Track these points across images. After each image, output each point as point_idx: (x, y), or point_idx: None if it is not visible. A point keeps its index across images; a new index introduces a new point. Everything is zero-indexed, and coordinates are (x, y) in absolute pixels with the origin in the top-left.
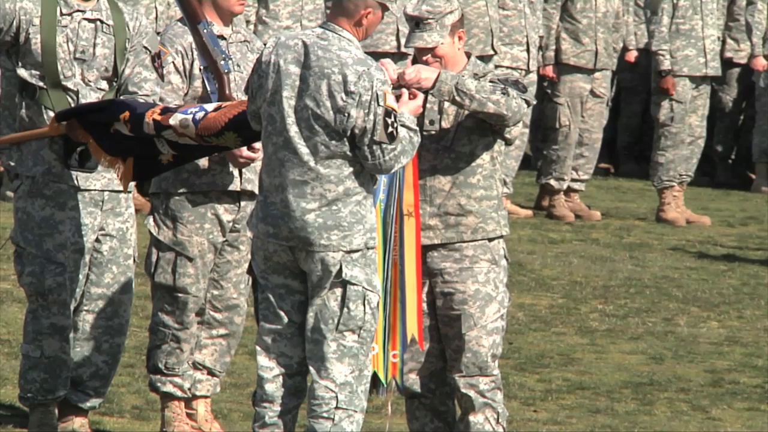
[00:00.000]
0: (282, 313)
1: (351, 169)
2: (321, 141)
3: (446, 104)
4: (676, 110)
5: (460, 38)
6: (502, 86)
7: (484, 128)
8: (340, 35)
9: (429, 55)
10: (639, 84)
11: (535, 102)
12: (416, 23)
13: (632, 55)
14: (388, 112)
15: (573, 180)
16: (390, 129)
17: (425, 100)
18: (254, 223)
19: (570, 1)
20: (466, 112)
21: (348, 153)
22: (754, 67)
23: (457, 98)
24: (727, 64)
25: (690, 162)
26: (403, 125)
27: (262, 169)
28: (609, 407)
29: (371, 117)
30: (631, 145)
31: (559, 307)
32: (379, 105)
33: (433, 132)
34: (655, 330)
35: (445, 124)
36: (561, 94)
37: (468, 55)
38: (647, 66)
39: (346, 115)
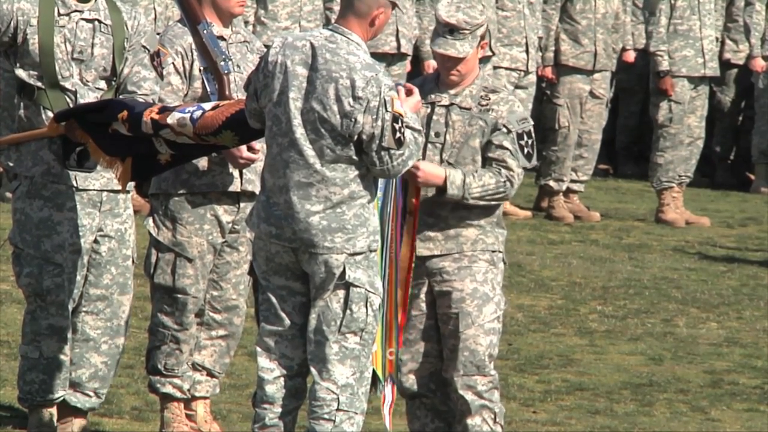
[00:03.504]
0: (283, 315)
1: (356, 172)
2: (327, 144)
3: (454, 117)
4: (675, 111)
5: (482, 47)
6: (508, 177)
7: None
8: (348, 38)
9: (454, 66)
10: (636, 84)
11: (531, 165)
12: (450, 30)
13: (630, 55)
14: (396, 118)
15: (572, 181)
16: (398, 134)
17: (432, 111)
18: (255, 222)
19: (569, 2)
20: (474, 130)
21: (354, 157)
22: (753, 68)
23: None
24: (726, 64)
25: (689, 163)
26: (407, 126)
27: (265, 169)
28: (608, 408)
29: (379, 123)
30: (629, 146)
31: (558, 308)
32: (387, 111)
33: (438, 144)
34: (654, 331)
35: (450, 138)
36: (560, 95)
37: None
38: (644, 66)
39: (353, 120)
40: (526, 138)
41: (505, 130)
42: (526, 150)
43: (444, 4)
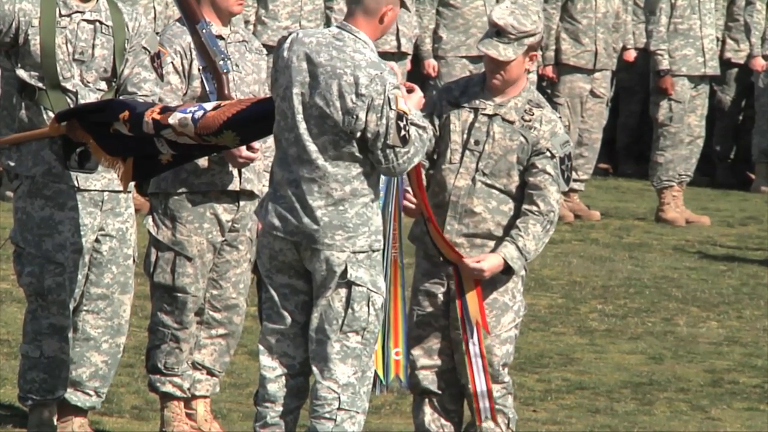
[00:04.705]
0: (286, 313)
1: (360, 169)
2: (329, 140)
3: (496, 128)
4: (675, 110)
5: (531, 59)
6: (549, 210)
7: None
8: (356, 36)
9: (498, 71)
10: (637, 84)
11: (568, 188)
12: (497, 32)
13: (630, 54)
14: (400, 116)
15: (572, 180)
16: (402, 132)
17: (475, 118)
18: (263, 214)
19: (570, 2)
20: (514, 146)
21: (357, 154)
22: (753, 68)
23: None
24: (726, 64)
25: (689, 162)
26: (412, 123)
27: (275, 163)
28: (608, 407)
29: (384, 121)
30: (630, 145)
31: (558, 307)
32: (391, 109)
33: (476, 153)
34: (654, 330)
35: (489, 148)
36: (561, 95)
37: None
38: (645, 66)
39: (355, 117)
40: (567, 161)
41: (549, 154)
42: (566, 174)
43: (500, 7)
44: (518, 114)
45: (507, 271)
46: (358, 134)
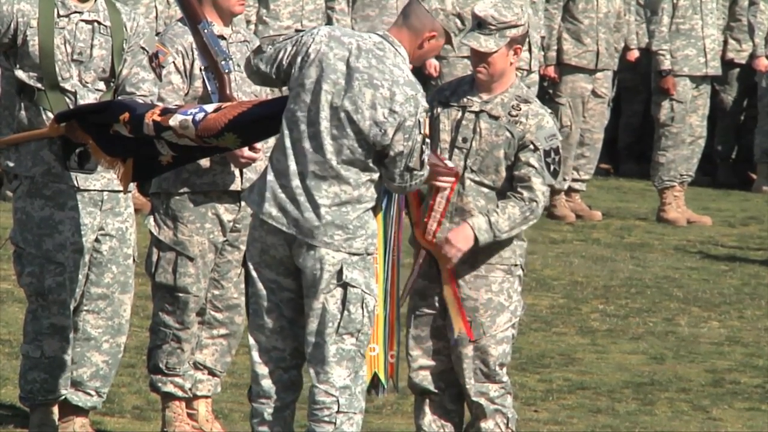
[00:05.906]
0: (272, 307)
1: (369, 176)
2: (348, 144)
3: (482, 125)
4: (677, 110)
5: (515, 53)
6: (531, 199)
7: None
8: (396, 50)
9: (481, 63)
10: (640, 84)
11: (557, 182)
12: (479, 24)
13: (633, 55)
14: (423, 139)
15: (574, 180)
16: (423, 156)
17: (462, 116)
18: (257, 201)
19: (572, 2)
20: (500, 141)
21: (370, 164)
22: (756, 68)
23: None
24: (728, 64)
25: (691, 162)
26: (425, 143)
27: (277, 150)
28: (610, 407)
29: (410, 143)
30: (631, 145)
31: (559, 307)
32: (419, 132)
33: (464, 150)
34: (655, 330)
35: (476, 145)
36: (562, 95)
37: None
38: (648, 66)
39: (383, 131)
40: (553, 155)
41: (532, 147)
42: (552, 167)
43: (483, 1)
44: (504, 110)
45: (474, 244)
46: (380, 148)
